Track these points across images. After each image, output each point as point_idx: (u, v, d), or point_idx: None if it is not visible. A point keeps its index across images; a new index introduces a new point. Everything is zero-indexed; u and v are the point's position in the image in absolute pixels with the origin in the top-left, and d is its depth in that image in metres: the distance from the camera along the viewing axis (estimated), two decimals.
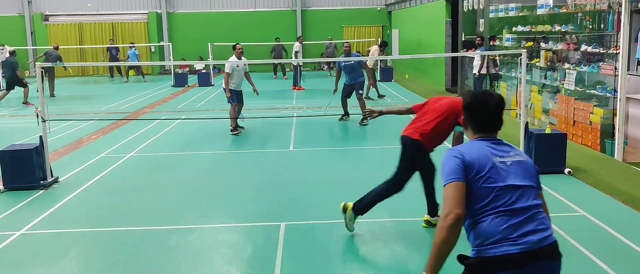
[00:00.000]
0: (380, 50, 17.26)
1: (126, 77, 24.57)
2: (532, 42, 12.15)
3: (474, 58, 14.03)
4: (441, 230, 2.54)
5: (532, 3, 12.32)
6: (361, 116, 11.84)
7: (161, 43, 27.19)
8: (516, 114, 9.52)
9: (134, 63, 20.81)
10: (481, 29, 15.20)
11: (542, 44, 11.66)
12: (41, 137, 7.66)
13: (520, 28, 12.75)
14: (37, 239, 5.77)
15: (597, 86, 9.71)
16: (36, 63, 7.90)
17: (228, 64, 11.01)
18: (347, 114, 12.36)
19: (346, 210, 5.51)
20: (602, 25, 9.83)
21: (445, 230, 2.52)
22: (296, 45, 21.47)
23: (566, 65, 10.68)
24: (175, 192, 7.36)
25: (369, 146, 10.17)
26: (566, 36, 10.94)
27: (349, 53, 12.47)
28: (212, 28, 27.14)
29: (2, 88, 18.43)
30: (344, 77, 12.23)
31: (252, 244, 5.46)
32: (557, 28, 11.07)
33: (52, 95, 18.62)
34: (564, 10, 10.91)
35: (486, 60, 13.58)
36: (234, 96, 11.11)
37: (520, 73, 8.37)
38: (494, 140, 2.81)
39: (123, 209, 6.70)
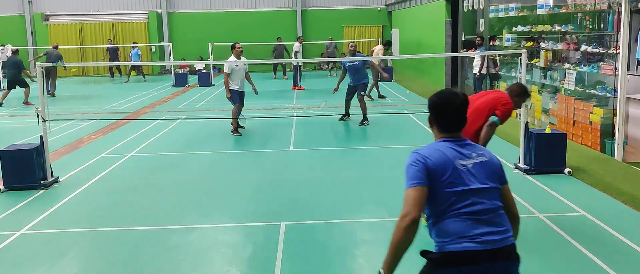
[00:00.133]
0: (385, 50, 17.26)
1: (128, 77, 24.60)
2: (532, 42, 12.15)
3: (474, 58, 14.03)
4: (398, 230, 2.63)
5: (532, 3, 12.31)
6: (361, 116, 11.86)
7: (161, 43, 27.19)
8: (516, 114, 9.50)
9: (136, 63, 20.85)
10: (481, 29, 15.20)
11: (542, 44, 11.66)
12: (41, 137, 7.67)
13: (520, 28, 12.75)
14: (37, 239, 5.77)
15: (597, 86, 9.71)
16: (37, 63, 7.90)
17: (227, 64, 10.86)
18: (348, 115, 12.34)
19: None
20: (602, 25, 9.83)
21: (402, 231, 2.61)
22: (296, 45, 21.47)
23: (566, 65, 10.68)
24: (175, 192, 7.37)
25: (369, 146, 10.18)
26: (566, 36, 10.94)
27: (354, 54, 12.33)
28: (213, 28, 27.13)
29: (2, 88, 18.44)
30: (348, 78, 12.20)
31: (252, 244, 5.46)
32: (557, 28, 11.07)
33: (52, 95, 18.62)
34: (564, 10, 10.91)
35: (486, 60, 13.57)
36: (236, 96, 10.98)
37: (520, 73, 8.37)
38: (459, 141, 2.85)
39: (123, 209, 6.71)
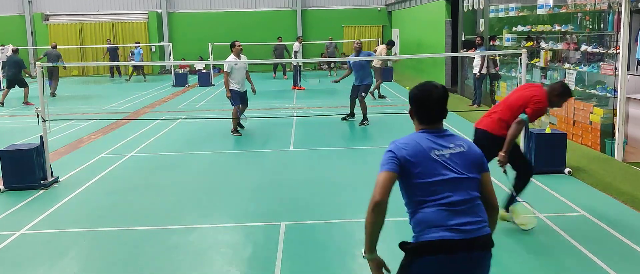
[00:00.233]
0: (387, 50, 17.23)
1: (129, 77, 24.60)
2: (532, 42, 12.15)
3: (474, 58, 14.03)
4: (367, 213, 2.75)
5: (532, 3, 12.31)
6: (361, 116, 11.85)
7: (161, 43, 27.19)
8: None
9: (137, 63, 20.88)
10: (481, 29, 15.20)
11: (542, 44, 11.65)
12: (41, 137, 7.67)
13: (520, 28, 12.75)
14: (37, 239, 5.77)
15: (597, 86, 9.71)
16: (37, 63, 7.89)
17: (227, 63, 10.74)
18: (352, 115, 12.32)
19: (506, 218, 5.55)
20: (602, 25, 9.83)
21: (369, 213, 2.73)
22: (296, 45, 21.47)
23: (566, 65, 10.68)
24: (175, 192, 7.37)
25: (369, 146, 10.18)
26: (566, 36, 10.94)
27: (359, 52, 12.28)
28: (213, 28, 27.12)
29: (2, 87, 18.44)
30: (352, 77, 12.17)
31: (252, 244, 5.46)
32: (557, 28, 11.07)
33: (53, 95, 18.63)
34: (564, 10, 10.91)
35: (486, 60, 13.57)
36: (237, 97, 10.81)
37: (520, 73, 8.37)
38: (437, 132, 2.88)
39: (123, 209, 6.71)
